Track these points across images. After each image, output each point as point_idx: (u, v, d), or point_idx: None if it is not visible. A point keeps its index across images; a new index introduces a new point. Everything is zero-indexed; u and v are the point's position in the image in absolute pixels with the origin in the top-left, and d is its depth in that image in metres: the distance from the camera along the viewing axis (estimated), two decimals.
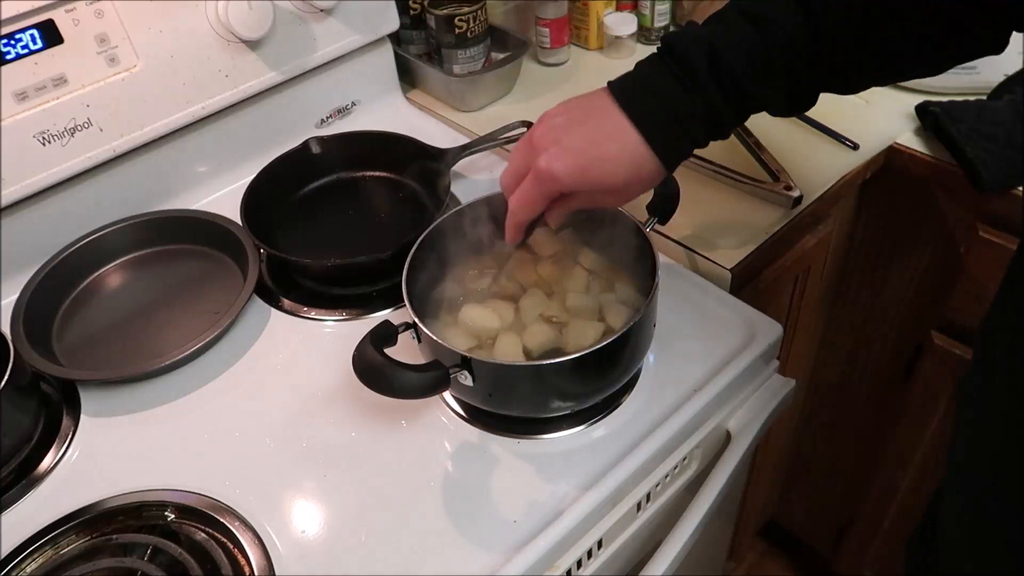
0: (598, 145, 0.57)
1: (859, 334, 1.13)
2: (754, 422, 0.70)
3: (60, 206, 0.82)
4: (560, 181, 0.57)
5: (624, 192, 0.60)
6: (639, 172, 0.58)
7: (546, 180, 0.57)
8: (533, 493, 0.61)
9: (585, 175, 0.57)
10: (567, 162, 0.56)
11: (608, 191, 0.59)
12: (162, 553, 0.59)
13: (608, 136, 0.57)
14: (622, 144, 0.57)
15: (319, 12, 0.90)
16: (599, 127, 0.57)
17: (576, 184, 0.57)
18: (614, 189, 0.58)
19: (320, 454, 0.66)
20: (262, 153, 0.92)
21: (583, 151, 0.57)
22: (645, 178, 0.59)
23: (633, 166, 0.57)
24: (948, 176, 0.86)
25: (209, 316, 0.77)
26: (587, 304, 0.67)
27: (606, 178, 0.57)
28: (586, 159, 0.57)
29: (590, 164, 0.57)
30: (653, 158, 0.57)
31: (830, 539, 1.39)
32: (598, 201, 0.62)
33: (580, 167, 0.56)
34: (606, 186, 0.58)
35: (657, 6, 1.08)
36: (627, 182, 0.58)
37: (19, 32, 0.73)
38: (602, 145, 0.57)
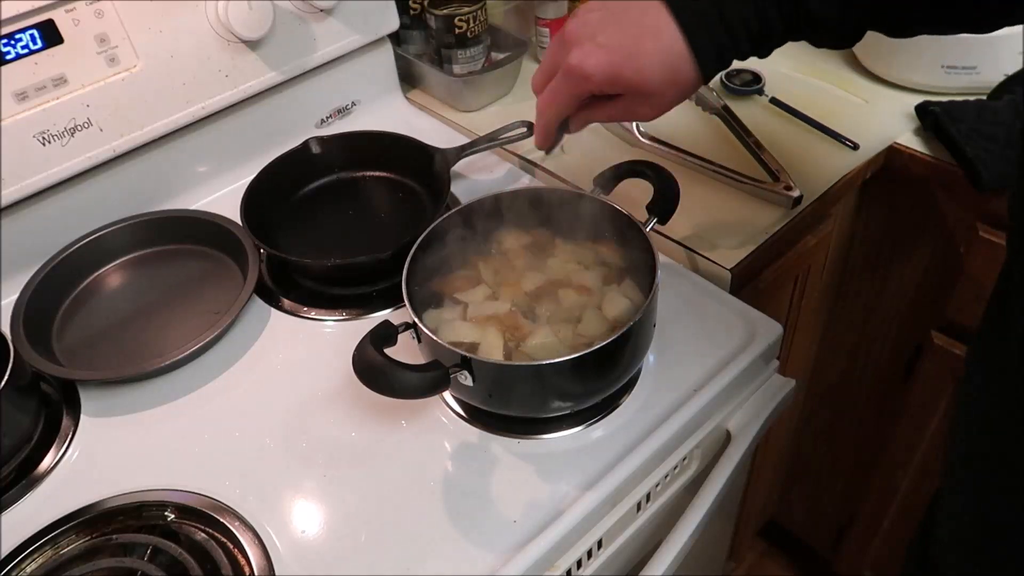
0: (634, 41, 0.53)
1: (859, 334, 1.13)
2: (754, 422, 0.70)
3: (60, 206, 0.82)
4: (591, 79, 0.54)
5: (658, 98, 0.55)
6: (675, 74, 0.54)
7: (576, 78, 0.54)
8: (533, 493, 0.61)
9: (618, 74, 0.53)
10: (599, 59, 0.53)
11: (641, 93, 0.55)
12: (162, 553, 0.59)
13: (646, 32, 0.53)
14: (660, 41, 0.53)
15: (319, 12, 0.90)
16: (637, 22, 0.53)
17: (608, 83, 0.54)
18: (647, 91, 0.54)
19: (320, 454, 0.66)
20: (262, 153, 0.92)
21: (617, 47, 0.53)
22: (681, 83, 0.54)
23: (670, 67, 0.53)
24: (948, 176, 0.86)
25: (209, 316, 0.77)
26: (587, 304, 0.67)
27: (640, 78, 0.53)
28: (620, 56, 0.53)
29: (624, 61, 0.53)
30: (691, 60, 0.53)
31: (830, 539, 1.39)
32: (630, 110, 0.57)
33: (613, 64, 0.53)
34: (639, 87, 0.54)
35: None
36: (662, 84, 0.54)
37: (19, 32, 0.73)
38: (638, 41, 0.53)
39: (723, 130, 0.92)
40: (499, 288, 0.70)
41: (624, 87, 0.55)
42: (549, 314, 0.67)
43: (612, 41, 0.53)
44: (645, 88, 0.54)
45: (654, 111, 0.57)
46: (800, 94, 0.94)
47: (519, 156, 0.94)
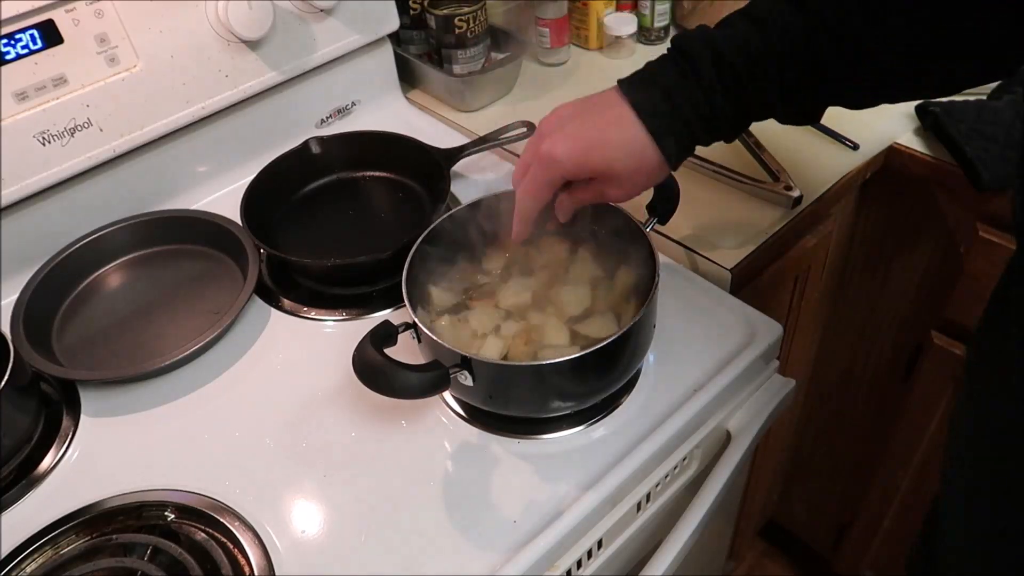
0: (600, 130, 0.58)
1: (859, 334, 1.13)
2: (754, 422, 0.70)
3: (60, 206, 0.82)
4: (562, 164, 0.58)
5: (628, 181, 0.60)
6: (640, 161, 0.58)
7: (548, 164, 0.58)
8: (533, 493, 0.61)
9: (586, 158, 0.58)
10: (568, 145, 0.58)
11: (611, 178, 0.59)
12: (162, 553, 0.59)
13: (610, 123, 0.58)
14: (623, 130, 0.57)
15: (319, 12, 0.90)
16: (602, 115, 0.58)
17: (577, 167, 0.58)
18: (616, 176, 0.59)
19: (320, 454, 0.66)
20: (262, 153, 0.92)
21: (585, 136, 0.58)
22: (647, 168, 0.59)
23: (634, 154, 0.58)
24: (948, 176, 0.86)
25: (209, 316, 0.77)
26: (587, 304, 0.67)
27: (607, 163, 0.58)
28: (587, 143, 0.58)
29: (591, 148, 0.58)
30: (654, 148, 0.58)
31: (830, 539, 1.39)
32: (604, 193, 0.61)
33: (582, 150, 0.58)
34: (608, 172, 0.58)
35: (657, 6, 1.08)
36: (629, 170, 0.59)
37: (19, 32, 0.73)
38: (604, 131, 0.58)
39: None
40: (498, 288, 0.70)
41: (592, 172, 0.59)
42: (548, 314, 0.67)
43: (580, 131, 0.58)
44: (612, 173, 0.59)
45: (624, 193, 0.61)
46: None
47: (519, 156, 0.93)
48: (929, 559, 0.67)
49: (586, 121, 0.59)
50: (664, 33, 1.11)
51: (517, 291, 0.69)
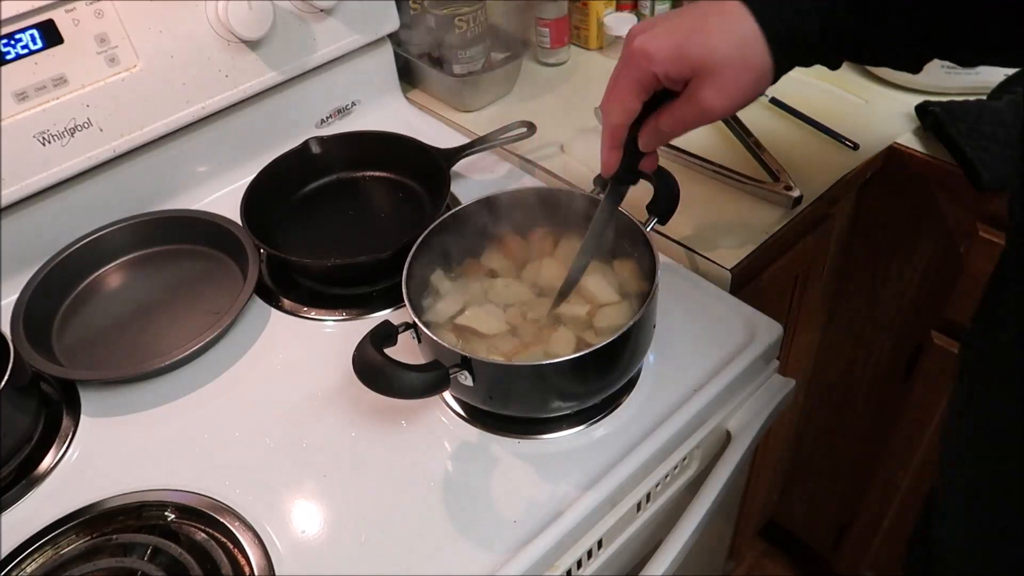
0: (702, 22, 0.51)
1: (859, 334, 1.13)
2: (754, 422, 0.70)
3: (60, 206, 0.82)
4: (654, 59, 0.51)
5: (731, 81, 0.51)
6: (744, 52, 0.50)
7: (639, 58, 0.52)
8: (533, 493, 0.61)
9: (684, 49, 0.50)
10: (661, 39, 0.51)
11: (712, 73, 0.51)
12: (162, 553, 0.59)
13: (716, 14, 0.51)
14: (727, 19, 0.50)
15: (319, 12, 0.90)
16: (706, 8, 0.52)
17: (674, 60, 0.51)
18: (718, 70, 0.50)
19: (320, 454, 0.66)
20: (262, 153, 0.92)
21: (681, 28, 0.51)
22: (753, 65, 0.51)
23: (738, 44, 0.50)
24: (948, 176, 0.86)
25: (209, 316, 0.77)
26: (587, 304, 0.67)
27: (706, 51, 0.50)
28: (683, 33, 0.51)
29: (688, 38, 0.50)
30: (761, 40, 0.50)
31: (830, 539, 1.39)
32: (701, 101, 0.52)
33: (678, 42, 0.51)
34: (709, 64, 0.50)
35: (657, 6, 1.08)
36: (733, 63, 0.50)
37: (19, 32, 0.73)
38: (703, 19, 0.51)
39: (723, 130, 0.92)
40: (498, 287, 0.70)
41: (691, 65, 0.51)
42: (547, 314, 0.67)
43: (677, 24, 0.52)
44: (712, 63, 0.51)
45: (722, 97, 0.52)
46: (800, 94, 0.94)
47: (519, 156, 0.94)
48: (927, 559, 0.67)
49: (684, 15, 0.52)
50: None
51: (515, 291, 0.69)
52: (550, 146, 0.94)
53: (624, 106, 0.54)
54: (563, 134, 0.95)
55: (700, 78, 0.51)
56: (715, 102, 0.52)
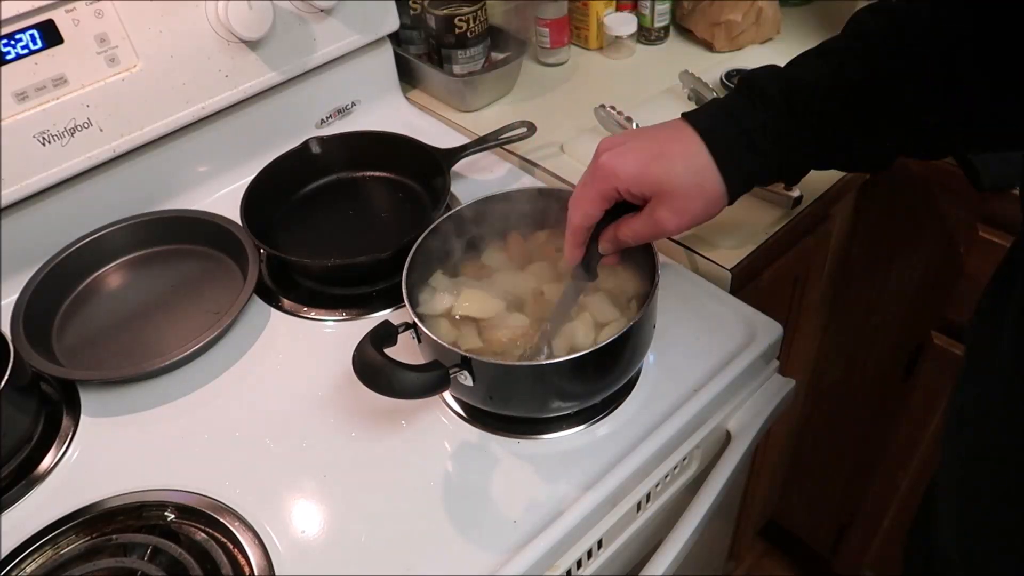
0: (663, 147, 0.57)
1: (859, 334, 1.13)
2: (754, 422, 0.70)
3: (60, 206, 0.82)
4: (619, 177, 0.57)
5: (684, 205, 0.57)
6: (700, 181, 0.56)
7: (605, 175, 0.57)
8: (533, 493, 0.61)
9: (645, 171, 0.56)
10: (627, 158, 0.57)
11: (668, 196, 0.57)
12: (162, 553, 0.59)
13: (674, 141, 0.57)
14: (687, 150, 0.56)
15: (319, 12, 0.90)
16: (666, 135, 0.58)
17: (635, 180, 0.57)
18: (673, 194, 0.56)
19: (320, 454, 0.66)
20: (262, 153, 0.92)
21: (645, 149, 0.57)
22: (707, 192, 0.57)
23: (695, 171, 0.56)
24: (948, 176, 0.86)
25: (209, 316, 0.77)
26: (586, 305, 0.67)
27: (667, 176, 0.56)
28: (648, 155, 0.56)
29: (651, 161, 0.56)
30: (715, 171, 0.56)
31: (830, 539, 1.39)
32: (657, 220, 0.58)
33: (639, 164, 0.56)
34: (666, 187, 0.56)
35: (657, 6, 1.08)
36: (687, 189, 0.56)
37: (19, 32, 0.73)
38: (665, 145, 0.57)
39: None
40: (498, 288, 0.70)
41: (650, 186, 0.57)
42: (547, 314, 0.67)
43: (642, 146, 0.57)
44: (671, 190, 0.56)
45: (676, 217, 0.58)
46: None
47: (519, 156, 0.94)
48: (926, 559, 0.67)
49: (649, 139, 0.58)
50: (664, 33, 1.11)
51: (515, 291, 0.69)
52: (550, 146, 0.94)
53: (587, 211, 0.59)
54: (563, 134, 0.95)
55: (658, 199, 0.57)
56: (669, 222, 0.58)
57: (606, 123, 0.94)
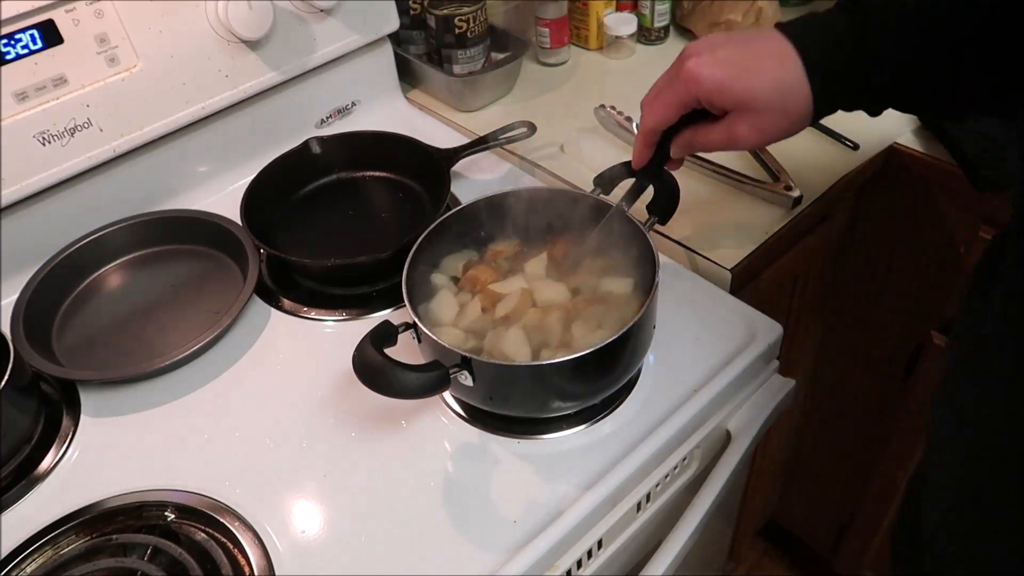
0: (753, 59, 0.55)
1: (859, 334, 1.13)
2: (754, 422, 0.70)
3: (60, 206, 0.82)
4: (702, 85, 0.55)
5: (766, 121, 0.56)
6: (785, 101, 0.55)
7: (687, 81, 0.55)
8: (533, 493, 0.61)
9: (732, 84, 0.55)
10: (715, 68, 0.55)
11: (750, 111, 0.55)
12: (162, 553, 0.59)
13: (767, 54, 0.55)
14: (778, 65, 0.54)
15: (319, 12, 0.90)
16: (760, 46, 0.55)
17: (716, 92, 0.55)
18: (756, 110, 0.55)
19: (320, 454, 0.66)
20: (262, 153, 0.92)
21: (736, 61, 0.55)
22: (791, 111, 0.55)
23: (782, 92, 0.54)
24: (948, 176, 0.86)
25: (209, 316, 0.77)
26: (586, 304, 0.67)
27: (752, 93, 0.54)
28: (736, 69, 0.55)
29: (738, 75, 0.54)
30: (806, 89, 0.54)
31: (830, 539, 1.39)
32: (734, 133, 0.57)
33: (726, 75, 0.54)
34: (750, 103, 0.55)
35: (657, 6, 1.08)
36: (772, 106, 0.55)
37: (19, 32, 0.73)
38: (757, 60, 0.55)
39: None
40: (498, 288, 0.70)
41: (733, 100, 0.55)
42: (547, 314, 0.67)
43: (732, 56, 0.55)
44: (754, 104, 0.55)
45: (755, 134, 0.57)
46: None
47: (519, 156, 0.94)
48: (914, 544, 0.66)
49: (740, 48, 0.55)
50: (664, 33, 1.11)
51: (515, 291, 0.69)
52: (550, 146, 0.94)
53: (664, 114, 0.58)
54: (563, 134, 0.95)
55: (739, 113, 0.56)
56: (748, 138, 0.57)
57: (606, 123, 0.94)
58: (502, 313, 0.66)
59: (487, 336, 0.66)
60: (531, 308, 0.67)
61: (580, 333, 0.65)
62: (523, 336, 0.64)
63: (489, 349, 0.64)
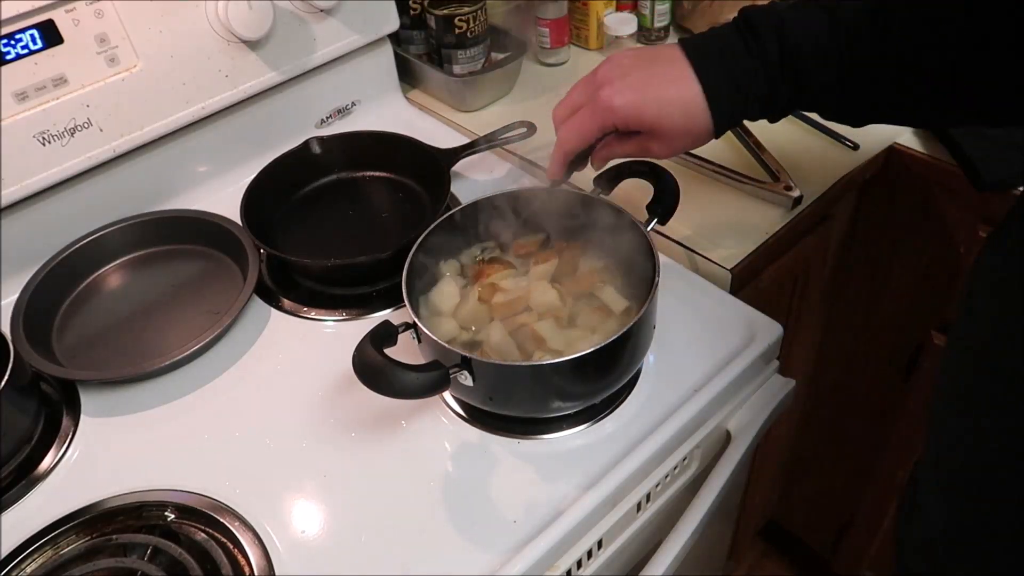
0: (659, 87, 0.59)
1: (859, 334, 1.13)
2: (754, 422, 0.70)
3: (60, 206, 0.82)
4: (617, 114, 0.60)
5: (673, 140, 0.61)
6: (690, 122, 0.60)
7: (603, 111, 0.60)
8: (533, 493, 0.61)
9: (641, 113, 0.60)
10: (627, 97, 0.59)
11: (659, 134, 0.61)
12: (162, 553, 0.59)
13: (670, 80, 0.59)
14: (682, 91, 0.59)
15: (319, 12, 0.90)
16: (663, 71, 0.60)
17: (631, 119, 0.60)
18: (664, 133, 0.61)
19: (320, 454, 0.66)
20: (262, 153, 0.92)
21: (644, 89, 0.59)
22: (694, 131, 0.60)
23: (687, 115, 0.59)
24: (948, 176, 0.86)
25: (209, 316, 0.77)
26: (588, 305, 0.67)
27: (659, 121, 0.60)
28: (645, 97, 0.59)
29: (648, 103, 0.59)
30: (706, 112, 0.59)
31: (830, 539, 1.39)
32: (647, 148, 0.63)
33: (638, 104, 0.59)
34: (657, 128, 0.60)
35: (657, 6, 1.08)
36: (678, 129, 0.60)
37: (19, 32, 0.73)
38: (663, 87, 0.59)
39: None
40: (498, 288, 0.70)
41: (644, 125, 0.61)
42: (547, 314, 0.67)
43: (640, 84, 0.60)
44: (662, 129, 0.60)
45: (666, 151, 0.63)
46: None
47: (519, 156, 0.93)
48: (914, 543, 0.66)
49: (647, 74, 0.60)
50: (664, 33, 1.11)
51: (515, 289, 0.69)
52: (550, 146, 0.93)
53: (582, 139, 0.63)
54: None
55: (649, 134, 0.62)
56: (659, 153, 0.64)
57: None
58: (498, 309, 0.66)
59: (482, 331, 0.66)
60: (527, 309, 0.67)
61: (569, 340, 0.65)
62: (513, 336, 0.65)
63: (484, 340, 0.65)
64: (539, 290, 0.68)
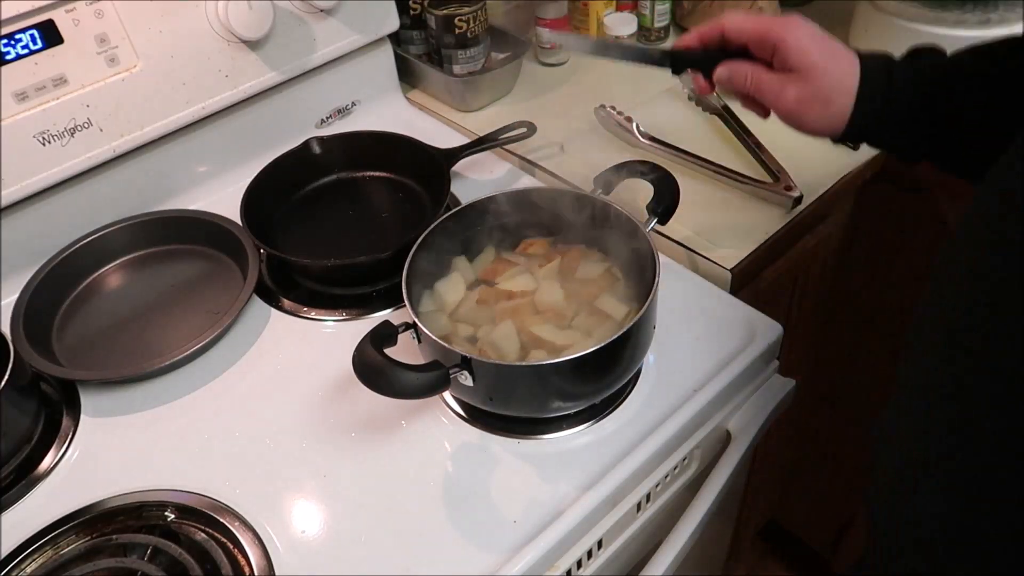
0: (833, 50, 0.59)
1: (859, 334, 1.13)
2: (754, 422, 0.70)
3: (60, 206, 0.82)
4: (791, 32, 0.58)
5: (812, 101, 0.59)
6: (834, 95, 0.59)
7: (781, 23, 0.59)
8: (533, 493, 0.61)
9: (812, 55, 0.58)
10: (813, 40, 0.58)
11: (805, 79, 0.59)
12: (162, 553, 0.59)
13: (843, 55, 0.59)
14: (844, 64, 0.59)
15: (319, 12, 0.90)
16: (839, 49, 0.59)
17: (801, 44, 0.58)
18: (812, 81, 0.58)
19: (320, 454, 0.66)
20: (262, 153, 0.92)
21: (829, 44, 0.59)
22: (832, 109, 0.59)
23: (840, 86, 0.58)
24: (948, 176, 0.86)
25: (209, 316, 0.77)
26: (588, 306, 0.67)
27: (821, 73, 0.58)
28: (828, 49, 0.59)
29: (827, 54, 0.58)
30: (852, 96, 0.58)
31: (830, 539, 1.39)
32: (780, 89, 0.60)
33: (818, 49, 0.58)
34: (812, 73, 0.58)
35: (657, 6, 1.08)
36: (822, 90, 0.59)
37: (19, 32, 0.73)
38: (835, 54, 0.59)
39: (723, 130, 0.92)
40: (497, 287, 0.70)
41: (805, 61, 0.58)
42: (549, 314, 0.67)
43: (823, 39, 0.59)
44: (818, 80, 0.58)
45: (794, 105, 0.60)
46: None
47: (519, 156, 0.94)
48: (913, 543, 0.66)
49: (829, 40, 0.59)
50: (664, 33, 1.11)
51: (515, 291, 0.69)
52: (550, 146, 0.94)
53: (742, 28, 0.60)
54: (563, 134, 0.95)
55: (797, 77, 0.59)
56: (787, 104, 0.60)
57: (606, 123, 0.94)
58: (501, 309, 0.66)
59: (481, 328, 0.66)
60: (528, 308, 0.67)
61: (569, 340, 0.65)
62: (515, 333, 0.65)
63: (483, 338, 0.65)
64: (547, 289, 0.68)
